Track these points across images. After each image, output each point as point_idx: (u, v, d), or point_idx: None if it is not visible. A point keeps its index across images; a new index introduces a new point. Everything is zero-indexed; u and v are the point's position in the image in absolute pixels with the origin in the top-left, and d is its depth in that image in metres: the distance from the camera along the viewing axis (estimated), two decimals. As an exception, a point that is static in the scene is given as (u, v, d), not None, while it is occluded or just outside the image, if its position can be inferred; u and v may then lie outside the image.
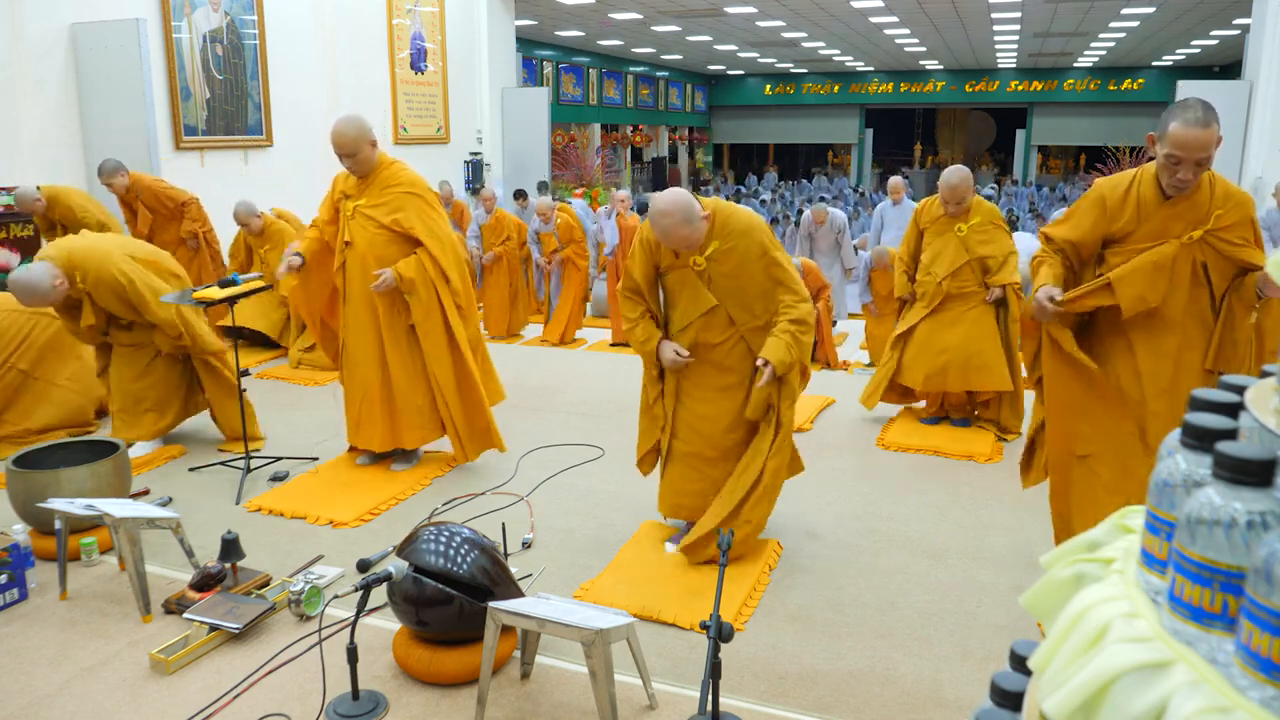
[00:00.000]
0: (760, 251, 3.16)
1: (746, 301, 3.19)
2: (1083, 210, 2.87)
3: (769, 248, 3.16)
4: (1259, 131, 9.92)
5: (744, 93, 28.73)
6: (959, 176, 4.79)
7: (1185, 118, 2.54)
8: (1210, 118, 2.53)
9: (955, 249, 4.83)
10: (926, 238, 4.98)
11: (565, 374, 6.32)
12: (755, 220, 3.20)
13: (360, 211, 4.07)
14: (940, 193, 4.85)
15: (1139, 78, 23.86)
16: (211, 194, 9.16)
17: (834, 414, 5.33)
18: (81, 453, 3.60)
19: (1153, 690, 0.70)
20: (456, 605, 2.55)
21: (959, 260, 4.81)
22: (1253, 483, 0.73)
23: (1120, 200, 2.79)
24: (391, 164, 4.14)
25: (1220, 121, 2.58)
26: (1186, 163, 2.58)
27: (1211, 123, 2.53)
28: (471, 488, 4.14)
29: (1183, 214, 2.74)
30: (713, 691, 2.28)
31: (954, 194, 4.77)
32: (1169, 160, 2.60)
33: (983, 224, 4.82)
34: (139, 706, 2.52)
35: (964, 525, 3.79)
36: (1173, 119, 2.56)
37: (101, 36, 7.82)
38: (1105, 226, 2.83)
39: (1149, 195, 2.76)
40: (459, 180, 13.11)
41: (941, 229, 4.90)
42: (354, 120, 4.00)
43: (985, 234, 4.82)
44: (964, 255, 4.81)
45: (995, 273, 4.83)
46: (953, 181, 4.78)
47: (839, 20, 16.63)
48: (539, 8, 14.93)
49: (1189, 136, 2.53)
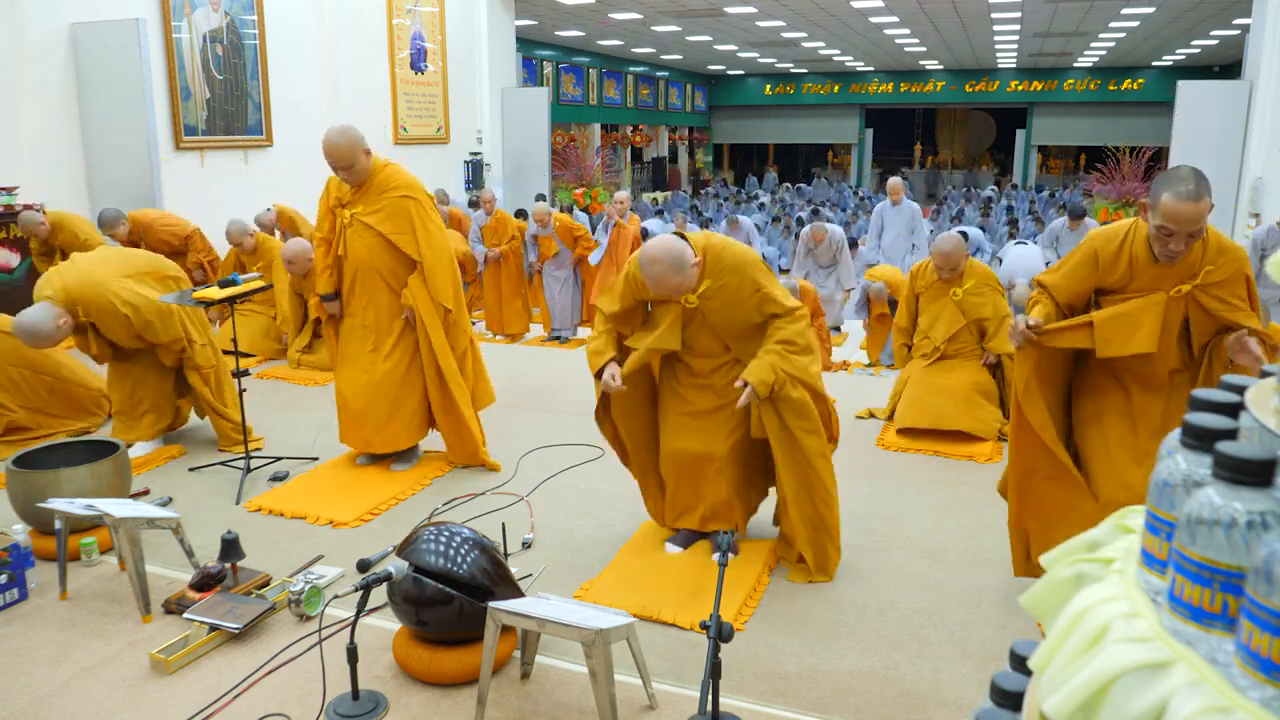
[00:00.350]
0: (753, 288, 3.11)
1: (738, 334, 3.17)
2: (1076, 263, 2.88)
3: (762, 284, 3.11)
4: (1259, 131, 9.92)
5: (744, 93, 28.73)
6: (952, 244, 4.82)
7: (1177, 190, 2.52)
8: (1202, 190, 2.51)
9: (952, 313, 4.87)
10: (922, 303, 5.01)
11: (565, 374, 6.32)
12: (748, 256, 3.15)
13: (358, 219, 4.05)
14: (933, 259, 4.88)
15: (1139, 78, 23.86)
16: (211, 194, 9.17)
17: (834, 414, 5.33)
18: (81, 453, 3.60)
19: (1153, 690, 0.70)
20: (456, 605, 2.55)
21: (956, 324, 4.86)
22: (1253, 483, 0.73)
23: (1113, 256, 2.80)
24: (385, 167, 4.09)
25: (1223, 118, 2.59)
26: (1178, 235, 2.57)
27: (1203, 195, 2.51)
28: (471, 488, 4.14)
29: (1173, 274, 2.76)
30: (713, 691, 2.28)
31: (947, 260, 4.81)
32: (1161, 231, 2.59)
33: (977, 286, 4.85)
34: (139, 706, 2.53)
35: (964, 525, 3.79)
36: (1164, 190, 2.55)
37: (101, 36, 7.82)
38: (1097, 280, 2.85)
39: (1141, 254, 2.76)
40: (459, 181, 13.11)
41: (937, 294, 4.94)
42: (346, 131, 3.95)
43: (981, 296, 4.85)
44: (960, 319, 4.85)
45: (991, 337, 4.84)
46: (946, 249, 4.81)
47: (839, 20, 16.63)
48: (539, 8, 14.93)
49: (1181, 210, 2.51)
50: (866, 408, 5.29)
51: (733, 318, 3.16)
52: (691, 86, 27.81)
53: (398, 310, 4.12)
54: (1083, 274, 2.86)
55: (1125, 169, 10.65)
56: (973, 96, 26.42)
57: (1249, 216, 9.95)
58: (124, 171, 8.00)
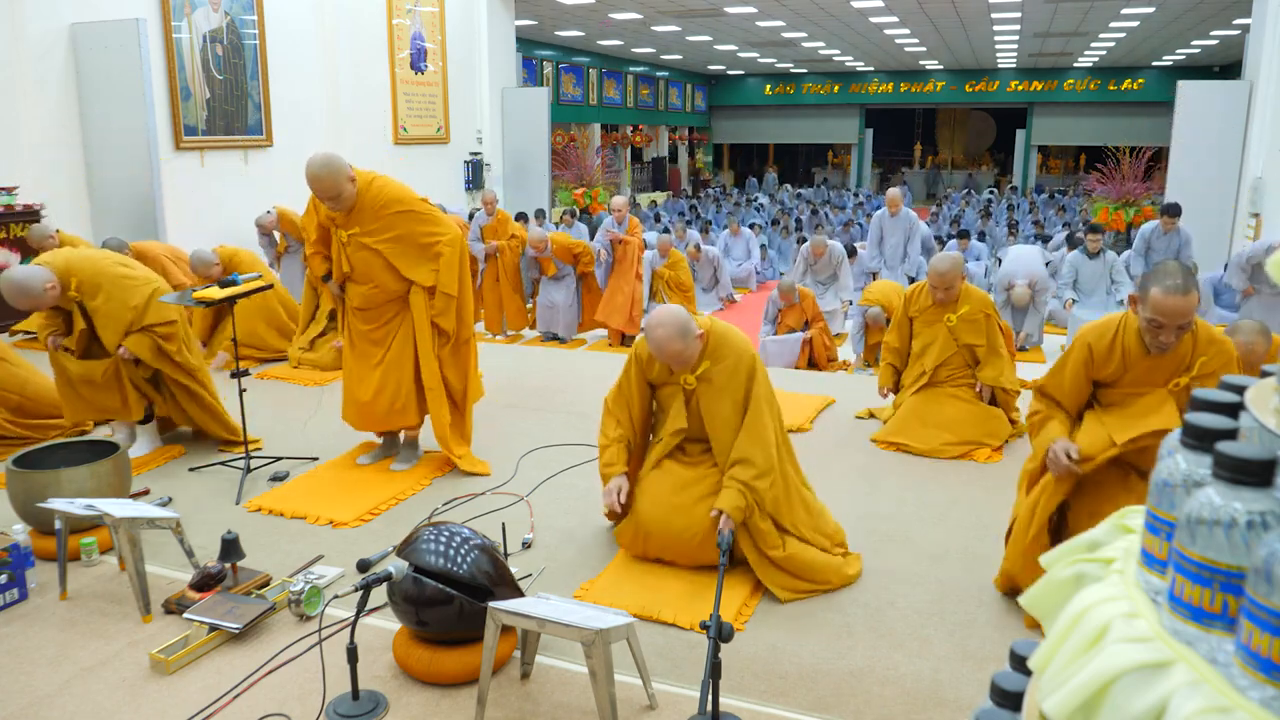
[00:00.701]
0: (747, 381, 3.16)
1: (721, 424, 3.17)
2: (1073, 363, 2.98)
3: (755, 379, 3.15)
4: (1259, 131, 9.92)
5: (744, 93, 28.73)
6: (949, 263, 4.66)
7: (1165, 285, 2.64)
8: (1189, 284, 2.64)
9: (944, 340, 4.74)
10: (915, 327, 4.87)
11: (565, 374, 6.32)
12: (749, 348, 3.22)
13: (355, 239, 4.00)
14: (929, 278, 4.72)
15: (1139, 78, 23.86)
16: (212, 194, 9.18)
17: (834, 414, 5.33)
18: (81, 453, 3.60)
19: (1153, 690, 0.70)
20: (456, 605, 2.55)
21: (948, 351, 4.73)
22: (1253, 483, 0.73)
23: (1107, 350, 2.91)
24: (371, 184, 3.96)
25: (1223, 118, 2.64)
26: (1168, 327, 2.68)
27: (1191, 289, 2.64)
28: (471, 488, 4.14)
29: (1165, 364, 2.86)
30: (713, 691, 2.29)
31: (943, 280, 4.63)
32: (1151, 324, 2.71)
33: (972, 313, 4.71)
34: (139, 706, 2.53)
35: (964, 525, 3.79)
36: (1153, 285, 2.67)
37: (101, 36, 7.82)
38: (1093, 373, 2.95)
39: (1133, 346, 2.87)
40: (459, 181, 13.12)
41: (930, 319, 4.79)
42: (327, 162, 3.81)
43: (975, 323, 4.71)
44: (952, 347, 4.73)
45: (983, 366, 4.72)
46: (942, 268, 4.63)
47: (839, 20, 16.63)
48: (539, 8, 14.93)
49: (1169, 304, 2.64)
50: (866, 408, 5.29)
51: (721, 405, 3.16)
52: (691, 86, 27.81)
53: (405, 317, 4.12)
54: (1081, 373, 2.97)
55: (1125, 169, 10.65)
56: (973, 96, 26.42)
57: (1249, 216, 9.95)
58: (124, 171, 8.00)
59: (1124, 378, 2.91)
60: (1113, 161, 10.81)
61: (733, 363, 3.16)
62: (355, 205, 3.95)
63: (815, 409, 5.32)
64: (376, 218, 3.97)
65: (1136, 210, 10.51)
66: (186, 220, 8.66)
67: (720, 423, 3.17)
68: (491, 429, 4.93)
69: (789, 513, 3.18)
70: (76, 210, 8.06)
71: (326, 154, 3.88)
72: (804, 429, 5.00)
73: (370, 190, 3.95)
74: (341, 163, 3.86)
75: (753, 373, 3.18)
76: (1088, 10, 14.89)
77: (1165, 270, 2.66)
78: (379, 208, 3.96)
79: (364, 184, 3.95)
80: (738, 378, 3.16)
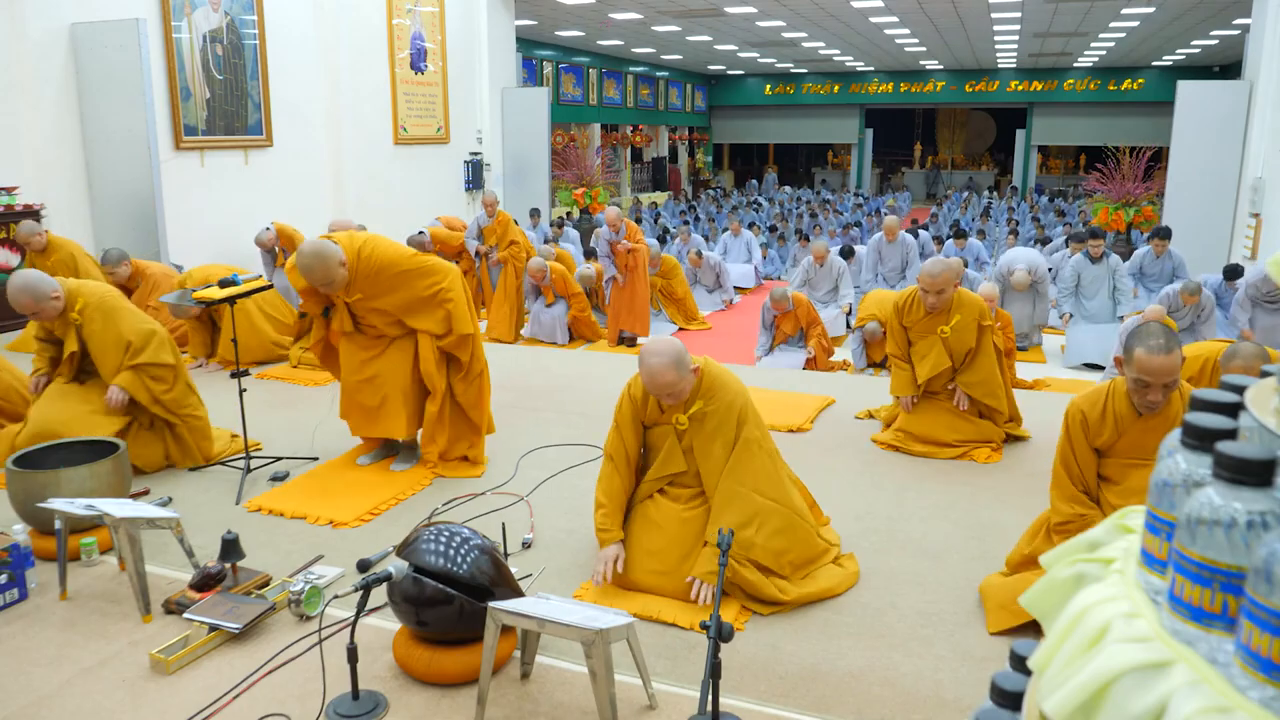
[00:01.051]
0: (738, 419, 3.11)
1: (713, 468, 3.12)
2: (1075, 437, 3.01)
3: (745, 423, 3.11)
4: (1259, 131, 9.92)
5: (744, 93, 28.73)
6: (940, 265, 4.49)
7: (1148, 345, 2.72)
8: (1172, 344, 2.71)
9: (939, 353, 4.62)
10: (910, 336, 4.75)
11: (565, 374, 6.32)
12: (741, 388, 3.17)
13: (360, 304, 3.98)
14: (920, 281, 4.56)
15: (1139, 78, 23.86)
16: (211, 194, 9.19)
17: (834, 414, 5.33)
18: (81, 453, 3.60)
19: (1153, 690, 0.70)
20: (456, 605, 2.55)
21: (941, 365, 4.62)
22: (1253, 483, 0.73)
23: (1099, 418, 2.96)
24: (359, 253, 3.88)
25: (1223, 118, 2.64)
26: (1154, 386, 2.75)
27: (1173, 348, 2.71)
28: (471, 488, 4.14)
29: (1157, 426, 2.90)
30: (713, 691, 2.28)
31: (934, 283, 4.46)
32: (1138, 384, 2.78)
33: (965, 322, 4.59)
34: (139, 706, 2.53)
35: (964, 525, 3.79)
36: (1136, 345, 2.74)
37: (101, 36, 7.82)
38: (1092, 441, 3.00)
39: (1124, 410, 2.93)
40: (459, 181, 13.12)
41: (924, 330, 4.67)
42: (316, 253, 3.75)
43: (969, 332, 4.59)
44: (946, 360, 4.62)
45: (964, 370, 4.62)
46: (933, 271, 4.47)
47: (839, 20, 16.63)
48: (539, 8, 14.92)
49: (1154, 363, 2.71)
50: (866, 408, 5.29)
51: (713, 447, 3.10)
52: (691, 86, 27.81)
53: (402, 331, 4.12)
54: (1083, 441, 3.00)
55: (1125, 169, 10.64)
56: (973, 96, 26.42)
57: (1249, 216, 9.95)
58: (124, 171, 8.00)
59: (1119, 444, 2.95)
60: (1113, 161, 10.81)
61: (725, 404, 3.10)
62: (351, 283, 3.91)
63: (815, 409, 5.32)
64: (375, 284, 3.93)
65: (1136, 210, 10.51)
66: (186, 220, 8.67)
67: (712, 464, 3.10)
68: (491, 429, 4.93)
69: (789, 550, 3.09)
70: (76, 210, 8.06)
71: (316, 245, 3.81)
72: (804, 429, 5.00)
73: (361, 260, 3.89)
74: (330, 251, 3.80)
75: (744, 416, 3.12)
76: (1088, 10, 14.89)
77: (1148, 331, 2.73)
78: (374, 274, 3.92)
79: (353, 255, 3.88)
80: (729, 421, 3.09)
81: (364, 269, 3.91)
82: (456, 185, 13.11)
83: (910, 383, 4.72)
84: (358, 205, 11.08)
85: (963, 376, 4.65)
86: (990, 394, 4.63)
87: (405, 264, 3.98)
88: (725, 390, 3.13)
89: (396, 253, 3.99)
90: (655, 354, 3.01)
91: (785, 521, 3.10)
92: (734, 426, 3.11)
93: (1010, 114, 27.78)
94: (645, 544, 3.16)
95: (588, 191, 13.44)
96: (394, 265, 3.95)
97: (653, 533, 3.17)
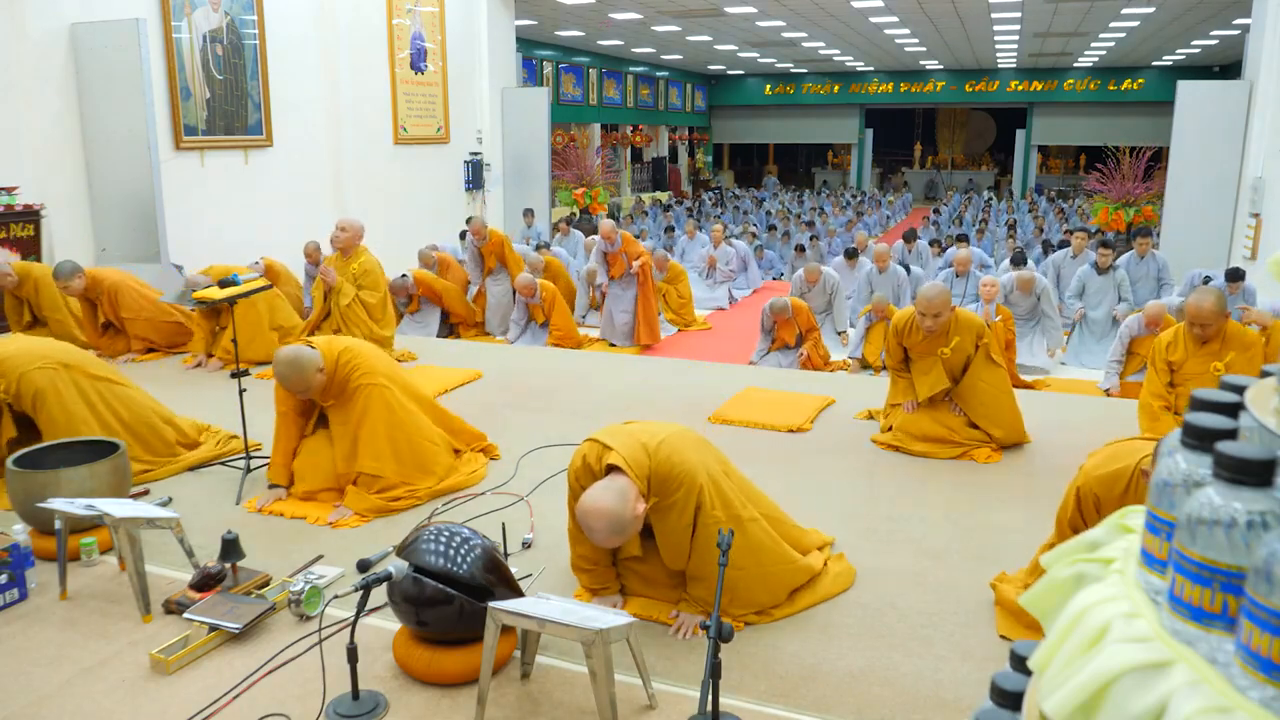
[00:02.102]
0: (695, 506, 2.82)
1: (677, 551, 2.91)
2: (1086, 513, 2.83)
3: (702, 506, 2.81)
4: (1259, 131, 9.92)
5: (744, 93, 28.74)
6: (936, 290, 4.44)
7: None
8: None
9: (938, 374, 4.60)
10: (911, 355, 4.69)
11: (565, 374, 6.31)
12: (695, 475, 2.82)
13: (329, 408, 3.90)
14: (917, 305, 4.51)
15: (1139, 78, 23.87)
16: (211, 194, 9.18)
17: (834, 414, 5.33)
18: (81, 453, 3.60)
19: (1153, 690, 0.70)
20: (456, 605, 2.55)
21: (940, 385, 4.58)
22: (1253, 483, 0.73)
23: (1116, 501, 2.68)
24: (335, 366, 3.79)
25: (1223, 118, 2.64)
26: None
27: None
28: (472, 488, 4.14)
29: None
30: (713, 691, 2.28)
31: (930, 307, 4.42)
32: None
33: (965, 344, 4.57)
34: (139, 706, 2.52)
35: (964, 525, 3.79)
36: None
37: (101, 36, 7.82)
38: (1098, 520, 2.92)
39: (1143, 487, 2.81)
40: (459, 181, 13.12)
41: (924, 351, 4.62)
42: (293, 363, 3.67)
43: (966, 353, 4.58)
44: (945, 381, 4.59)
45: (971, 397, 4.56)
46: (929, 295, 4.42)
47: (839, 20, 16.63)
48: (539, 8, 14.93)
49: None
50: (866, 408, 5.29)
51: (674, 535, 2.87)
52: (691, 86, 27.82)
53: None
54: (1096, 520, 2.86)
55: (1125, 169, 10.65)
56: (973, 96, 26.43)
57: (1249, 216, 9.95)
58: (124, 171, 8.00)
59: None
60: (1113, 161, 10.81)
61: (683, 496, 2.83)
62: (326, 390, 3.84)
63: (815, 409, 5.31)
64: (350, 397, 3.83)
65: (1136, 210, 10.51)
66: (186, 220, 8.67)
67: (673, 549, 2.90)
68: (492, 429, 4.93)
69: (769, 598, 3.00)
70: (76, 210, 8.06)
71: (294, 353, 3.71)
72: (804, 429, 5.00)
73: (339, 366, 3.82)
74: (307, 360, 3.71)
75: (701, 500, 2.84)
76: (1088, 10, 14.89)
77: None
78: (350, 384, 3.82)
79: (331, 362, 3.80)
80: (687, 510, 2.84)
81: (339, 380, 3.83)
82: (456, 185, 13.12)
83: (909, 390, 4.70)
84: (358, 205, 11.08)
85: (968, 405, 4.57)
86: (995, 423, 4.59)
87: (368, 374, 3.85)
88: (678, 481, 2.82)
89: (369, 365, 3.87)
90: (592, 529, 2.68)
91: (758, 577, 2.96)
92: (693, 514, 2.84)
93: (1010, 114, 27.80)
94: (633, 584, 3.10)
95: (588, 191, 13.45)
96: (368, 373, 3.85)
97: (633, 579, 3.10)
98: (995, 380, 4.67)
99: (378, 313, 6.25)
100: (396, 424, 3.90)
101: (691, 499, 2.82)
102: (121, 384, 4.26)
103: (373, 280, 6.26)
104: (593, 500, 2.68)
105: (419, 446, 3.97)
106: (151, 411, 4.30)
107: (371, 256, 6.34)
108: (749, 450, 4.64)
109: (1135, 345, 6.49)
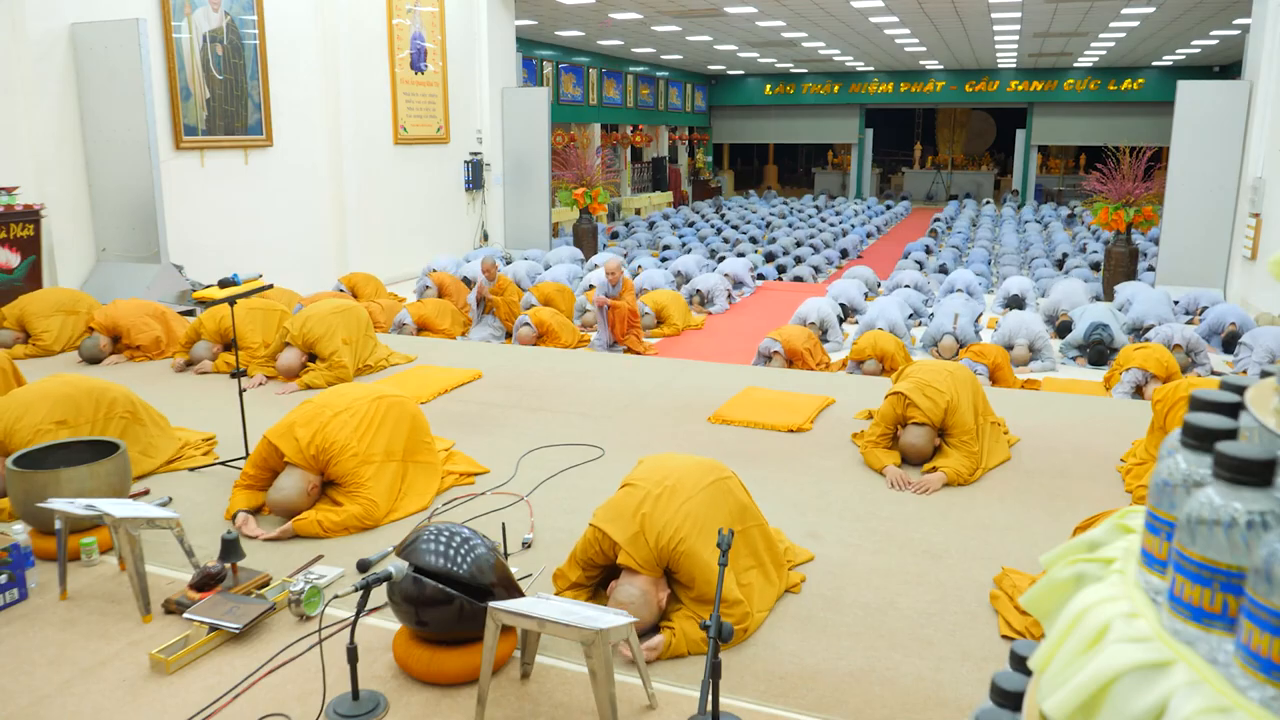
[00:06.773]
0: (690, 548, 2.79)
1: None
2: None
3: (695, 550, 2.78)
4: (1259, 131, 9.91)
5: (744, 93, 28.73)
6: (921, 438, 4.30)
7: None
8: None
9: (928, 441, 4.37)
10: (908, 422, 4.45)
11: (565, 374, 6.31)
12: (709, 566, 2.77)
13: None
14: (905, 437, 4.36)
15: (1139, 78, 23.86)
16: (211, 194, 9.19)
17: (834, 414, 5.33)
18: (81, 453, 3.60)
19: (1153, 690, 0.70)
20: (456, 605, 2.55)
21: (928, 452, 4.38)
22: (1253, 483, 0.73)
23: None
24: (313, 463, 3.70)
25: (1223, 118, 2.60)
26: None
27: None
28: (471, 488, 4.14)
29: None
30: (713, 691, 2.28)
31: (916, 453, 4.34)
32: None
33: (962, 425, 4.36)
34: (139, 706, 2.53)
35: (964, 525, 3.79)
36: None
37: (101, 36, 7.82)
38: None
39: None
40: (459, 181, 13.12)
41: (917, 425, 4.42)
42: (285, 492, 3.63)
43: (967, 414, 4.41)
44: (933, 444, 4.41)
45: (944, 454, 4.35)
46: (918, 444, 4.30)
47: (839, 20, 16.63)
48: (539, 8, 14.92)
49: None
50: (866, 408, 5.28)
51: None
52: (691, 86, 27.81)
53: None
54: None
55: (1125, 169, 10.64)
56: (973, 96, 26.41)
57: (1249, 216, 9.95)
58: (124, 171, 8.01)
59: None
60: (1113, 161, 10.80)
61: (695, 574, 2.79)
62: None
63: (815, 409, 5.32)
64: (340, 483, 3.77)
65: (1136, 210, 10.50)
66: (186, 220, 8.67)
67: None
68: (492, 429, 4.93)
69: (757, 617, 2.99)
70: (76, 210, 8.07)
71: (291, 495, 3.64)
72: (804, 429, 5.00)
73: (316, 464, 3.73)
74: (300, 482, 3.67)
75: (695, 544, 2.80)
76: (1088, 10, 14.88)
77: None
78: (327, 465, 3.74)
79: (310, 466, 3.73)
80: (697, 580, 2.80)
81: (320, 465, 3.74)
82: (456, 185, 13.12)
83: (887, 457, 4.40)
84: (357, 205, 11.09)
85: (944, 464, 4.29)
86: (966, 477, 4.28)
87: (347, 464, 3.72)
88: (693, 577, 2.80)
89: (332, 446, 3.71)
90: None
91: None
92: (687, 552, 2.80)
93: (1010, 114, 27.78)
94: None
95: (588, 191, 13.44)
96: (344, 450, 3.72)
97: None
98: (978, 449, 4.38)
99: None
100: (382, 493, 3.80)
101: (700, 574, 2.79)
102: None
103: None
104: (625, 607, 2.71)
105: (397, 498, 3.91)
106: None
107: None
108: (749, 450, 4.65)
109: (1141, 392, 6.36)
